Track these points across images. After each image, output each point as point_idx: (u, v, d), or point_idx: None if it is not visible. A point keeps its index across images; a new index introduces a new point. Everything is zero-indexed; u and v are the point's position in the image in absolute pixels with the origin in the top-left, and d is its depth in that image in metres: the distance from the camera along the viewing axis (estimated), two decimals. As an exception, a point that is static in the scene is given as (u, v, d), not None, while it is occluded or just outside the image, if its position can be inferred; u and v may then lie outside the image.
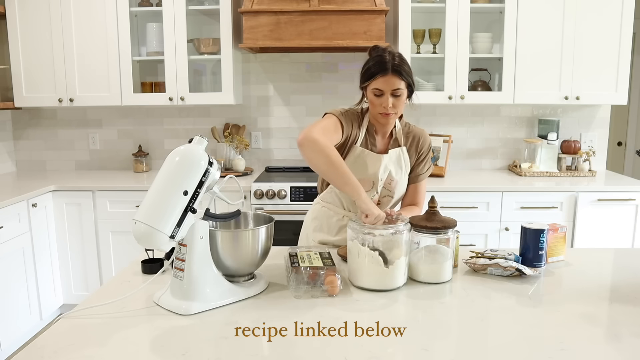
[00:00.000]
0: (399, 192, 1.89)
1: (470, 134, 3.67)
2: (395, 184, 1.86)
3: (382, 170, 1.82)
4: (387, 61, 1.69)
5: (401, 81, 1.70)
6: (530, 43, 3.22)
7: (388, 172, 1.84)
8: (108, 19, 3.29)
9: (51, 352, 1.12)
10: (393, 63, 1.69)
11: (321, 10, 3.05)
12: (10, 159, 3.77)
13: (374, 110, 1.77)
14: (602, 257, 1.77)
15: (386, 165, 1.83)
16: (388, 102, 1.71)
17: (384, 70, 1.68)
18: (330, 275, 1.42)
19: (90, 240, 3.22)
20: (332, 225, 1.92)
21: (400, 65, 1.70)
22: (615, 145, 4.86)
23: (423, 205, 1.89)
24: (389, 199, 1.88)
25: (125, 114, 3.74)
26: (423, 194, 1.92)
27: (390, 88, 1.70)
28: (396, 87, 1.70)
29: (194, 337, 1.18)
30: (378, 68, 1.70)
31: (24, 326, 2.94)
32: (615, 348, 1.13)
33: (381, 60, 1.70)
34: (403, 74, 1.70)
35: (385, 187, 1.86)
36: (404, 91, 1.73)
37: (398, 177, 1.86)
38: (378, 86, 1.70)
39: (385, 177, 1.84)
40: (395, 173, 1.85)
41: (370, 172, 1.82)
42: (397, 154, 1.86)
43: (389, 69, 1.68)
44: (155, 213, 1.26)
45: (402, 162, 1.87)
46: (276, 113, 3.69)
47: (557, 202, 3.06)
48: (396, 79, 1.69)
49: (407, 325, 1.24)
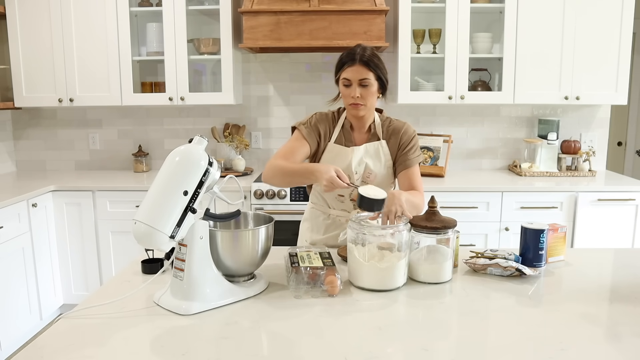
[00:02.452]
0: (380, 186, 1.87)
1: (470, 134, 3.67)
2: (374, 176, 1.87)
3: (355, 162, 1.84)
4: (356, 52, 1.76)
5: (369, 72, 1.75)
6: (530, 43, 3.22)
7: (364, 165, 1.86)
8: (108, 19, 3.29)
9: (51, 352, 1.12)
10: (361, 54, 1.75)
11: (321, 10, 3.05)
12: (10, 159, 3.77)
13: (345, 102, 1.82)
14: (602, 257, 1.77)
15: (361, 157, 1.86)
16: (356, 92, 1.76)
17: (352, 60, 1.75)
18: (330, 275, 1.42)
19: (90, 240, 3.22)
20: (319, 225, 1.97)
21: (368, 56, 1.75)
22: (615, 145, 4.86)
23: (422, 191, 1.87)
24: None
25: (125, 114, 3.74)
26: (418, 180, 1.89)
27: (357, 77, 1.75)
28: (363, 77, 1.75)
29: (194, 337, 1.18)
30: (347, 58, 1.77)
31: (24, 326, 2.94)
32: (615, 348, 1.13)
33: (351, 51, 1.77)
34: (371, 65, 1.75)
35: (363, 180, 1.87)
36: (372, 82, 1.77)
37: (377, 170, 1.87)
38: (346, 76, 1.76)
39: (361, 170, 1.86)
40: (374, 166, 1.87)
41: (345, 165, 1.84)
42: (375, 147, 1.88)
43: (356, 59, 1.74)
44: (155, 213, 1.26)
45: (381, 155, 1.88)
46: (276, 113, 3.69)
47: (557, 202, 3.06)
48: (363, 69, 1.74)
49: (407, 325, 1.24)
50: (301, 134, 1.86)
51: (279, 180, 1.78)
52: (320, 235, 1.96)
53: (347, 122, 1.89)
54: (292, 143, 1.86)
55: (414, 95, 3.30)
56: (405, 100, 3.28)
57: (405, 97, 3.28)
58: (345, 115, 1.90)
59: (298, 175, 1.73)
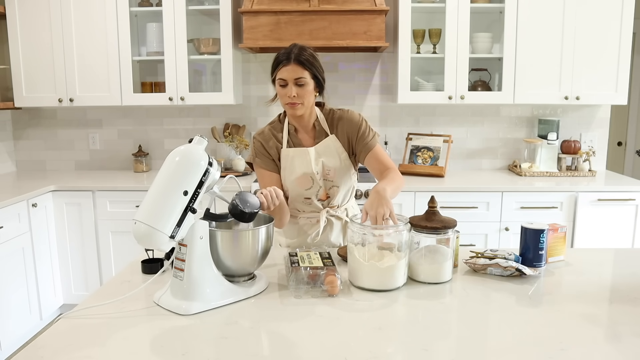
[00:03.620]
0: (342, 180, 1.89)
1: (470, 134, 3.67)
2: (333, 172, 1.86)
3: (313, 163, 1.84)
4: (290, 52, 1.75)
5: (304, 70, 1.74)
6: (530, 43, 3.22)
7: (321, 163, 1.85)
8: (108, 19, 3.29)
9: (51, 352, 1.12)
10: (296, 53, 1.74)
11: (321, 10, 3.05)
12: (10, 159, 3.77)
13: (282, 102, 1.81)
14: (602, 257, 1.77)
15: (316, 158, 1.85)
16: (292, 91, 1.75)
17: (287, 60, 1.74)
18: (330, 275, 1.42)
19: (90, 240, 3.22)
20: (291, 230, 1.96)
21: (302, 55, 1.74)
22: (615, 145, 4.86)
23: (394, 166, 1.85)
24: (335, 189, 1.89)
25: (125, 114, 3.74)
26: (385, 156, 1.86)
27: (292, 77, 1.74)
28: (298, 76, 1.74)
29: (194, 337, 1.18)
30: (281, 58, 1.76)
31: (24, 326, 2.94)
32: (615, 348, 1.13)
33: (286, 51, 1.76)
34: (306, 63, 1.74)
35: (325, 178, 1.87)
36: (308, 81, 1.76)
37: (335, 166, 1.86)
38: (281, 76, 1.76)
39: (320, 169, 1.85)
40: (329, 162, 1.85)
41: (304, 169, 1.84)
42: (325, 144, 1.86)
43: (291, 58, 1.74)
44: (155, 213, 1.26)
45: (334, 149, 1.86)
46: (276, 113, 3.65)
47: (557, 202, 3.06)
48: (298, 67, 1.73)
49: (407, 325, 1.24)
50: (260, 167, 1.88)
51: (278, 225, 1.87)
52: (293, 238, 1.96)
53: (291, 127, 1.89)
54: (263, 182, 1.89)
55: (414, 95, 3.30)
56: (405, 100, 3.28)
57: (405, 97, 3.28)
58: (287, 120, 1.89)
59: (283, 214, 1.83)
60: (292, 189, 1.87)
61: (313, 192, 1.87)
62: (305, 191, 1.86)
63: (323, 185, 1.87)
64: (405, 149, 3.57)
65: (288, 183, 1.87)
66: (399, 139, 3.66)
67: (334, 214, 1.92)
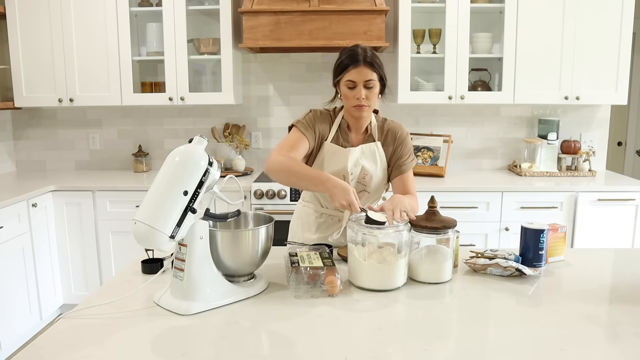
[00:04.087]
0: (374, 186, 1.90)
1: (470, 134, 3.67)
2: (369, 178, 1.87)
3: (351, 164, 1.84)
4: (359, 53, 1.74)
5: (373, 72, 1.74)
6: (530, 43, 3.22)
7: (360, 166, 1.85)
8: (108, 19, 3.29)
9: (51, 352, 1.12)
10: (365, 55, 1.74)
11: (321, 10, 3.05)
12: (10, 159, 3.77)
13: (348, 104, 1.80)
14: (602, 257, 1.77)
15: (357, 159, 1.85)
16: (361, 93, 1.74)
17: (356, 62, 1.73)
18: (330, 275, 1.42)
19: (90, 240, 3.22)
20: (311, 223, 1.96)
21: (372, 57, 1.74)
22: (615, 145, 4.86)
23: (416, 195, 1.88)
24: (364, 193, 1.89)
25: (125, 114, 3.74)
26: (413, 184, 1.90)
27: (362, 79, 1.74)
28: (369, 78, 1.74)
29: (194, 337, 1.18)
30: (350, 60, 1.74)
31: (24, 326, 2.94)
32: (615, 348, 1.13)
33: (353, 53, 1.75)
34: (375, 65, 1.74)
35: (359, 181, 1.87)
36: (376, 83, 1.76)
37: (372, 172, 1.87)
38: (351, 77, 1.74)
39: (357, 171, 1.85)
40: (369, 167, 1.86)
41: (340, 166, 1.83)
42: (371, 149, 1.87)
43: (360, 60, 1.73)
44: (155, 213, 1.26)
45: (377, 156, 1.87)
46: (276, 113, 3.69)
47: (557, 202, 3.06)
48: (368, 70, 1.73)
49: (407, 325, 1.24)
50: (300, 131, 1.81)
51: (283, 178, 1.70)
52: (312, 233, 1.95)
53: (344, 122, 1.88)
54: (293, 138, 1.80)
55: (414, 95, 3.30)
56: (405, 100, 3.28)
57: (405, 97, 3.28)
58: (342, 115, 1.88)
59: (306, 180, 1.66)
60: None
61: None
62: None
63: (354, 187, 1.85)
64: (405, 149, 3.56)
65: None
66: (399, 139, 3.65)
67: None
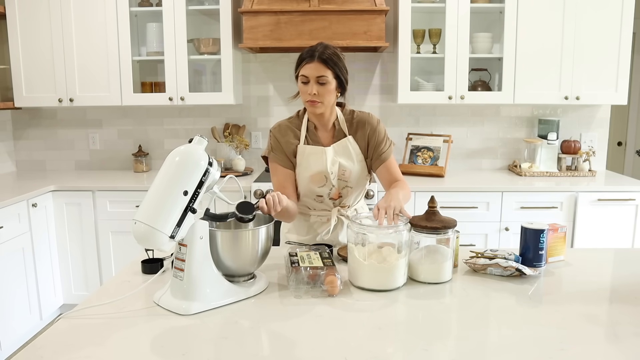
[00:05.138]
0: (356, 181, 1.90)
1: (470, 134, 3.67)
2: (349, 173, 1.87)
3: (329, 163, 1.85)
4: (314, 50, 1.76)
5: (327, 69, 1.75)
6: (530, 43, 3.22)
7: (337, 164, 1.86)
8: (108, 19, 3.29)
9: (51, 352, 1.12)
10: (321, 52, 1.75)
11: (321, 10, 3.05)
12: (10, 159, 3.77)
13: (303, 99, 1.82)
14: (602, 257, 1.77)
15: (333, 157, 1.86)
16: (312, 89, 1.75)
17: (310, 57, 1.75)
18: (330, 275, 1.42)
19: (90, 240, 3.22)
20: (301, 226, 1.97)
21: (326, 53, 1.75)
22: (615, 145, 4.86)
23: (403, 178, 1.90)
24: (348, 189, 1.90)
25: (125, 114, 3.74)
26: (397, 169, 1.91)
27: (314, 74, 1.74)
28: (320, 74, 1.74)
29: (194, 337, 1.18)
30: (305, 55, 1.76)
31: (24, 326, 2.94)
32: (615, 348, 1.13)
33: (311, 49, 1.77)
34: (329, 62, 1.75)
35: (340, 178, 1.88)
36: (330, 80, 1.76)
37: (350, 167, 1.87)
38: (304, 72, 1.76)
39: (336, 169, 1.86)
40: (346, 163, 1.87)
41: (319, 167, 1.85)
42: (343, 145, 1.88)
43: (315, 56, 1.74)
44: (155, 213, 1.26)
45: (351, 151, 1.88)
46: (276, 113, 3.69)
47: (557, 202, 3.06)
48: (321, 66, 1.74)
49: (407, 325, 1.24)
50: (274, 162, 1.88)
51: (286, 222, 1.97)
52: (303, 236, 1.96)
53: (310, 124, 1.89)
54: (276, 177, 1.89)
55: (414, 95, 3.30)
56: (405, 100, 3.28)
57: (405, 97, 3.28)
58: (307, 116, 1.89)
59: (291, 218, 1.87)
60: (305, 185, 1.88)
61: (325, 190, 1.88)
62: (318, 189, 1.88)
63: (336, 185, 1.88)
64: (405, 149, 3.57)
65: (301, 179, 1.88)
66: (399, 139, 3.65)
67: (344, 214, 1.93)
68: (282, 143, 1.88)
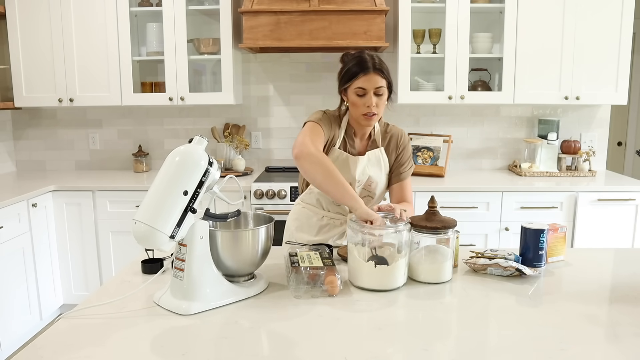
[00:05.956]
0: (379, 193, 1.91)
1: (470, 134, 3.67)
2: (375, 185, 1.87)
3: (359, 172, 1.83)
4: (367, 60, 1.72)
5: (383, 79, 1.72)
6: (530, 43, 3.22)
7: (367, 175, 1.85)
8: (108, 19, 3.29)
9: (51, 352, 1.12)
10: (374, 62, 1.71)
11: (321, 10, 3.05)
12: (10, 159, 3.77)
13: (357, 112, 1.76)
14: (602, 257, 1.77)
15: (364, 167, 1.84)
16: (372, 101, 1.72)
17: (366, 69, 1.70)
18: (330, 275, 1.42)
19: (90, 240, 3.22)
20: (312, 226, 1.95)
21: (381, 64, 1.73)
22: (615, 145, 4.86)
23: (412, 203, 1.90)
24: (368, 199, 1.89)
25: (125, 114, 3.74)
26: (410, 192, 1.91)
27: (373, 86, 1.71)
28: (379, 85, 1.72)
29: (194, 337, 1.18)
30: (359, 67, 1.71)
31: (24, 326, 2.94)
32: (615, 348, 1.13)
33: (361, 59, 1.72)
34: (384, 72, 1.73)
35: (365, 188, 1.87)
36: (385, 90, 1.75)
37: (378, 179, 1.87)
38: (361, 85, 1.71)
39: (363, 178, 1.85)
40: (375, 174, 1.86)
41: (348, 174, 1.83)
42: (376, 156, 1.87)
43: (370, 67, 1.70)
44: (155, 213, 1.26)
45: (382, 162, 1.88)
46: (276, 113, 3.69)
47: (557, 202, 3.06)
48: (378, 77, 1.71)
49: (407, 325, 1.24)
50: (321, 128, 1.75)
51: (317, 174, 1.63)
52: (313, 236, 1.94)
53: (349, 128, 1.86)
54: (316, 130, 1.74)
55: (414, 95, 3.30)
56: (405, 100, 3.28)
57: (405, 97, 3.28)
58: (347, 120, 1.86)
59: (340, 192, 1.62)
60: None
61: None
62: None
63: (359, 193, 1.86)
64: (405, 149, 3.57)
65: None
66: (399, 139, 3.65)
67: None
68: (329, 125, 1.79)
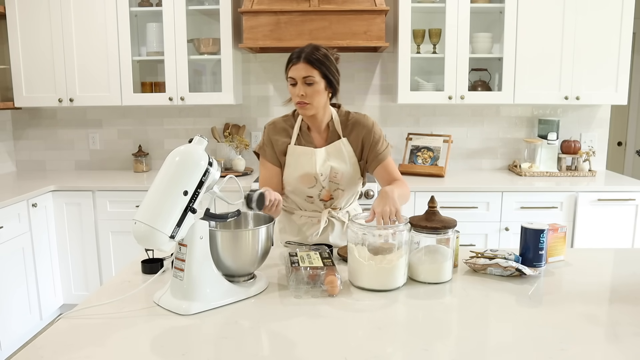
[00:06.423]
0: (348, 184, 1.89)
1: (470, 134, 3.67)
2: (341, 175, 1.86)
3: (319, 164, 1.84)
4: (301, 51, 1.75)
5: (313, 69, 1.73)
6: (530, 43, 3.22)
7: (328, 166, 1.85)
8: (108, 19, 3.29)
9: (51, 352, 1.12)
10: (306, 53, 1.73)
11: (321, 10, 3.05)
12: (10, 159, 3.77)
13: (293, 101, 1.82)
14: (602, 257, 1.77)
15: (324, 159, 1.85)
16: (300, 90, 1.75)
17: (297, 59, 1.74)
18: (330, 275, 1.42)
19: (90, 240, 3.22)
20: (292, 226, 1.97)
21: (313, 54, 1.73)
22: (615, 145, 4.86)
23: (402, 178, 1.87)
24: (339, 191, 1.89)
25: (125, 114, 3.74)
26: (395, 169, 1.89)
27: (300, 75, 1.74)
28: (307, 75, 1.73)
29: (194, 337, 1.18)
30: (292, 57, 1.76)
31: (24, 326, 2.94)
32: (615, 348, 1.13)
33: (299, 50, 1.76)
34: (315, 62, 1.73)
35: (331, 180, 1.87)
36: (318, 80, 1.75)
37: (343, 169, 1.86)
38: (291, 74, 1.77)
39: (326, 171, 1.85)
40: (337, 165, 1.86)
41: (309, 168, 1.84)
42: (337, 147, 1.86)
43: (299, 57, 1.74)
44: (155, 213, 1.26)
45: (345, 153, 1.86)
46: (276, 113, 3.69)
47: (557, 202, 3.06)
48: (307, 66, 1.73)
49: (407, 325, 1.24)
50: (264, 159, 1.91)
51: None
52: (294, 236, 1.96)
53: (304, 124, 1.89)
54: (263, 172, 1.93)
55: (414, 95, 3.30)
56: (405, 100, 3.28)
57: (405, 97, 3.28)
58: (300, 117, 1.89)
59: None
60: (294, 185, 1.88)
61: (315, 191, 1.87)
62: (308, 189, 1.87)
63: (327, 187, 1.87)
64: (405, 149, 3.57)
65: (291, 179, 1.87)
66: (399, 139, 3.66)
67: (335, 216, 1.92)
68: (273, 141, 1.89)
